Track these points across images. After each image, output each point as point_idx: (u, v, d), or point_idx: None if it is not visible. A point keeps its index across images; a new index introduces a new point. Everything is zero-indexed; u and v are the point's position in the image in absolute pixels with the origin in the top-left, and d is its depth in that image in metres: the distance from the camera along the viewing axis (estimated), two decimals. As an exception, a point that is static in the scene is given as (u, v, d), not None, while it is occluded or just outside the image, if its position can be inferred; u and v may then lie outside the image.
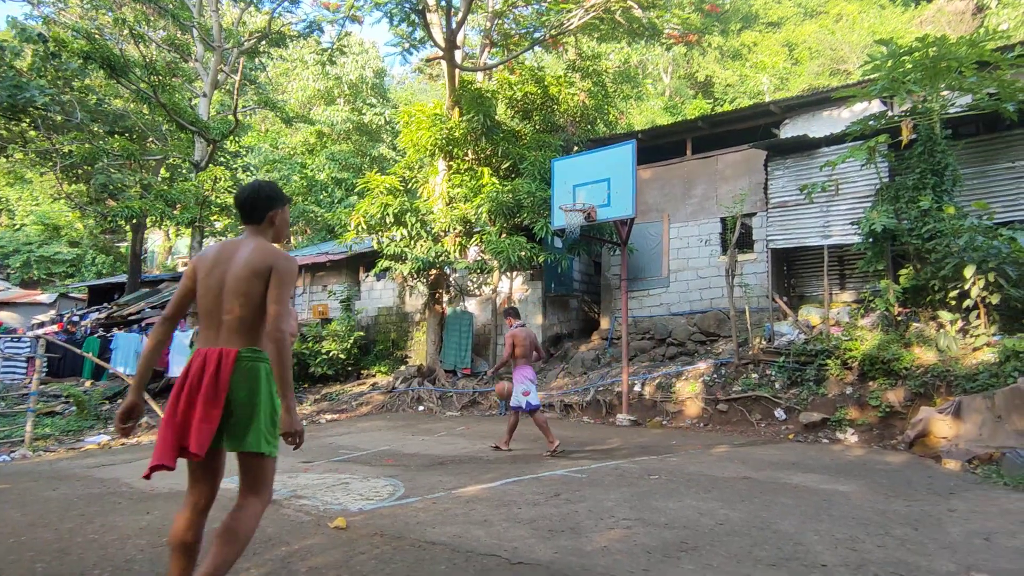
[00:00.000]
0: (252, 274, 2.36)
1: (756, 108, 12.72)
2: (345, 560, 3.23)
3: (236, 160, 18.77)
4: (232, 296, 2.37)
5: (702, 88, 31.98)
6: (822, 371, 8.40)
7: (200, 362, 2.33)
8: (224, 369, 2.30)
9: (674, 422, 9.21)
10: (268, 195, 2.56)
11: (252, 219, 2.55)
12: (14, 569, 3.14)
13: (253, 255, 2.40)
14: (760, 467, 5.91)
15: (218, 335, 2.38)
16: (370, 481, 5.35)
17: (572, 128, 14.24)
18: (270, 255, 2.40)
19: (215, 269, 2.42)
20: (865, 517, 4.11)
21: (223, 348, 2.34)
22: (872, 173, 9.24)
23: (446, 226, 12.26)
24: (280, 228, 2.62)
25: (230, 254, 2.44)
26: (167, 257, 32.62)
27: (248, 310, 2.37)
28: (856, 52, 27.07)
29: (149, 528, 3.91)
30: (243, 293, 2.36)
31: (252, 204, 2.54)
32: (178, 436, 2.29)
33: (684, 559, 3.27)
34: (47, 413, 11.52)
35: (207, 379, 2.29)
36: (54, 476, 5.87)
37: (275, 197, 2.58)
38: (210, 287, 2.41)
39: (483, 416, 10.79)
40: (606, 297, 13.51)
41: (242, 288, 2.36)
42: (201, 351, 2.37)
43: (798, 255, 11.21)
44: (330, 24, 17.10)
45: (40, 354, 9.26)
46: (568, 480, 5.32)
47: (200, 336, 2.45)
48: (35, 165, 20.54)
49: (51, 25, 16.72)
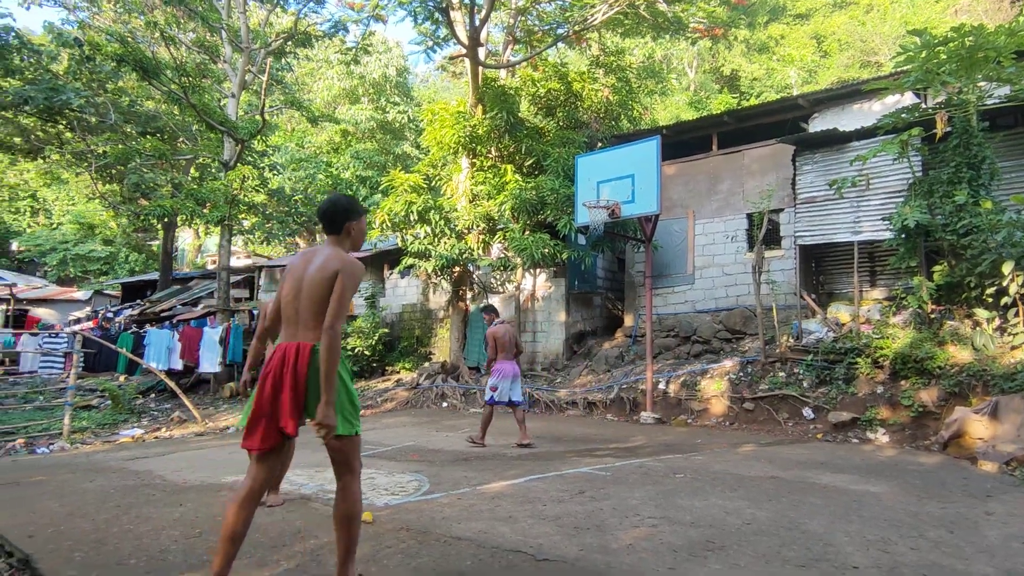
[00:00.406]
0: (323, 278, 2.65)
1: (784, 102, 12.49)
2: (372, 554, 3.27)
3: (263, 159, 19.04)
4: (307, 297, 2.67)
5: (728, 82, 31.52)
6: (852, 369, 8.24)
7: (280, 355, 2.63)
8: (301, 361, 2.59)
9: (699, 420, 9.12)
10: (345, 208, 2.84)
11: (331, 230, 2.83)
12: (54, 558, 3.24)
13: (326, 261, 2.69)
14: (788, 466, 5.83)
15: (296, 331, 2.69)
16: (395, 476, 5.41)
17: (596, 124, 14.14)
18: (338, 261, 2.68)
19: (295, 273, 2.75)
20: (897, 519, 4.02)
21: (300, 343, 2.64)
22: (904, 167, 9.01)
23: (470, 223, 12.30)
24: (356, 238, 2.89)
25: (308, 260, 2.76)
26: (196, 255, 33.30)
27: (321, 309, 2.65)
28: (888, 43, 26.40)
29: (182, 520, 4.00)
30: (316, 295, 2.66)
31: (331, 216, 2.82)
32: (273, 420, 2.58)
33: (711, 558, 3.24)
34: (84, 407, 11.88)
35: (288, 370, 2.58)
36: (91, 468, 6.04)
37: (351, 210, 2.85)
38: (291, 289, 2.74)
39: (507, 413, 10.81)
40: (630, 294, 13.42)
41: (315, 291, 2.66)
42: (281, 346, 2.67)
43: (827, 251, 10.99)
44: (355, 24, 17.25)
45: (77, 349, 9.53)
46: (592, 478, 5.30)
47: (281, 333, 2.76)
48: (71, 166, 21.12)
49: (86, 29, 17.17)
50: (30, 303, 24.93)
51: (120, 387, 12.92)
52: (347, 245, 2.84)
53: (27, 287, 25.86)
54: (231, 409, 12.11)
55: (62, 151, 19.01)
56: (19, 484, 5.14)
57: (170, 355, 14.03)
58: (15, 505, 4.40)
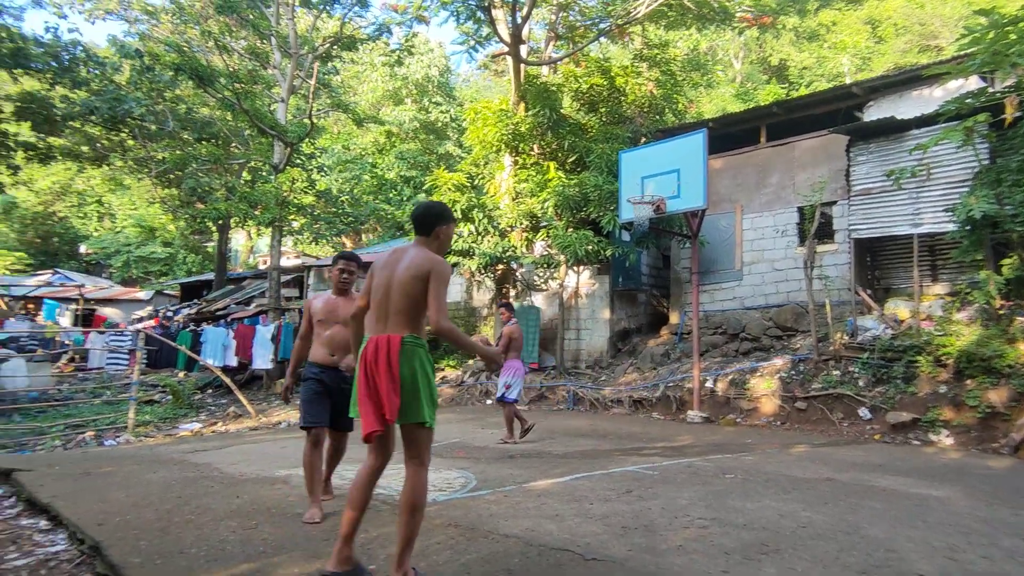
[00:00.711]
0: (413, 276, 2.81)
1: (836, 91, 12.02)
2: (421, 550, 3.30)
3: (311, 162, 19.53)
4: (397, 293, 2.83)
5: (776, 73, 30.57)
6: (912, 368, 7.89)
7: (373, 347, 2.79)
8: (392, 351, 2.75)
9: (748, 420, 8.89)
10: (437, 213, 3.01)
11: (422, 231, 3.00)
12: (122, 545, 3.40)
13: (416, 260, 2.84)
14: (843, 468, 5.62)
15: (386, 324, 2.85)
16: (442, 472, 5.46)
17: (640, 119, 13.94)
18: (429, 261, 2.83)
19: (385, 270, 2.91)
20: (965, 525, 3.83)
21: (390, 335, 2.80)
22: (969, 155, 8.55)
23: (513, 221, 12.32)
24: (444, 242, 3.04)
25: (398, 258, 2.92)
26: (249, 255, 34.45)
27: (410, 304, 2.82)
28: (949, 26, 25.10)
29: (239, 511, 4.14)
30: (406, 291, 2.82)
31: (423, 220, 2.99)
32: (376, 407, 2.76)
33: (765, 562, 3.15)
34: (147, 401, 12.45)
35: (382, 360, 2.75)
36: (154, 460, 6.32)
37: (442, 216, 3.01)
38: (380, 284, 2.90)
39: (551, 410, 10.80)
40: (675, 291, 13.19)
41: (406, 287, 2.82)
42: (372, 338, 2.83)
43: (883, 245, 10.54)
44: (398, 26, 17.50)
45: (140, 347, 9.99)
46: (640, 477, 5.24)
47: (371, 325, 2.92)
48: (133, 172, 22.15)
49: (145, 41, 17.96)
50: (97, 303, 26.27)
51: (180, 383, 13.50)
52: (434, 247, 2.98)
53: (94, 288, 27.31)
54: (283, 405, 12.48)
55: (125, 158, 19.96)
56: (90, 474, 5.42)
57: (225, 352, 14.55)
58: (87, 494, 4.64)
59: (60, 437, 9.13)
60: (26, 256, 31.21)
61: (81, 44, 16.77)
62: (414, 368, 2.76)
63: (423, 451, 2.83)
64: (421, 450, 2.82)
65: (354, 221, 19.35)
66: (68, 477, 5.28)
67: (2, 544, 3.78)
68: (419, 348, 2.82)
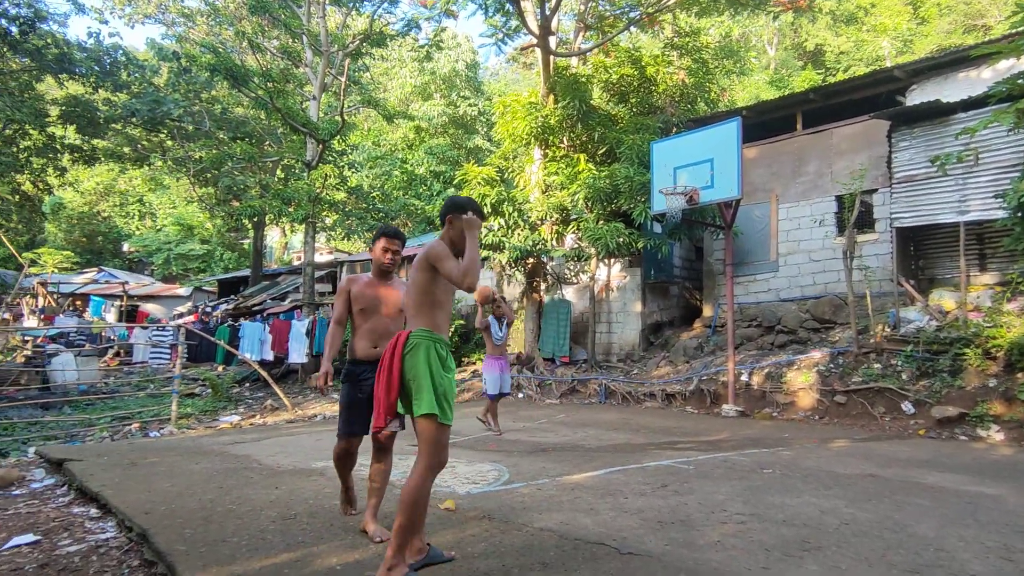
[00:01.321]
0: (415, 269, 2.88)
1: (877, 75, 11.61)
2: (456, 542, 3.32)
3: (343, 158, 19.76)
4: (409, 288, 2.93)
5: (811, 58, 29.73)
6: (959, 361, 7.61)
7: (392, 343, 2.88)
8: (398, 347, 2.82)
9: (785, 414, 8.71)
10: (449, 204, 3.03)
11: (441, 224, 3.05)
12: (167, 533, 3.51)
13: (420, 252, 2.90)
14: (887, 464, 5.46)
15: (405, 321, 2.99)
16: (475, 465, 5.48)
17: (671, 109, 13.72)
18: (423, 251, 2.88)
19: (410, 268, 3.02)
20: (1021, 524, 3.68)
21: (402, 331, 2.89)
22: (1020, 139, 8.19)
23: (543, 214, 12.26)
24: (456, 229, 2.97)
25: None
26: (283, 252, 35.13)
27: (416, 297, 2.88)
28: (998, 3, 24.04)
29: (278, 501, 4.22)
30: (413, 283, 2.90)
31: (441, 213, 3.03)
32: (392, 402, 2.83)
33: (807, 559, 3.07)
34: (188, 394, 12.82)
35: (386, 357, 2.85)
36: (196, 451, 6.49)
37: (453, 205, 2.99)
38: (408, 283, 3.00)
39: (583, 404, 10.75)
40: (708, 283, 12.97)
41: (414, 280, 2.89)
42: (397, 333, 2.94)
43: (927, 234, 10.17)
44: (426, 21, 17.55)
45: (181, 341, 10.27)
46: (675, 471, 5.17)
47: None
48: (172, 171, 22.74)
49: (183, 43, 18.39)
50: (140, 299, 27.16)
51: (219, 377, 13.86)
52: (448, 236, 2.99)
53: (137, 285, 28.23)
54: (318, 398, 12.71)
55: (164, 158, 20.51)
56: (136, 464, 5.60)
57: (262, 347, 14.88)
58: (134, 483, 4.80)
59: (108, 428, 9.46)
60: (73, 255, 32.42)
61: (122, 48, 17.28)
62: (417, 360, 2.75)
63: (431, 447, 2.73)
64: (427, 445, 2.73)
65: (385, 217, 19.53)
66: (116, 467, 5.47)
67: (56, 531, 3.94)
68: (426, 341, 2.80)
